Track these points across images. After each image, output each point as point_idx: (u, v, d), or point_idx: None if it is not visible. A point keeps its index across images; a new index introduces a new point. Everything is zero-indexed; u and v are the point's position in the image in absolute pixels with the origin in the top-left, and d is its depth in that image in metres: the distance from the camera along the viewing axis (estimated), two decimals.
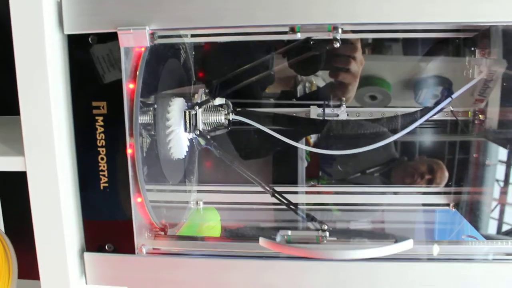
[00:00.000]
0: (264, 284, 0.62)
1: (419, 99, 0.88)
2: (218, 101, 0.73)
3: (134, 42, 0.57)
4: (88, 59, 0.58)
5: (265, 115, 0.83)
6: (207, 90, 0.76)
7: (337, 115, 0.83)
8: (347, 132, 0.86)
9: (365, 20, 0.55)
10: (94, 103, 0.59)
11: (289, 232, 0.64)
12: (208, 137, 0.74)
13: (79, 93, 0.60)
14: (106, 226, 0.63)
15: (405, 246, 0.58)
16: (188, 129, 0.70)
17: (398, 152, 0.92)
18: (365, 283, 0.60)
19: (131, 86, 0.59)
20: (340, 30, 0.58)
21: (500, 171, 0.80)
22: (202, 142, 0.75)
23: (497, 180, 0.80)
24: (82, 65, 0.59)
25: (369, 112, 0.85)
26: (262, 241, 0.60)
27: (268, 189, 0.76)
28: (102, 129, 0.59)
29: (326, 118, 0.84)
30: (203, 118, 0.72)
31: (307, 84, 0.93)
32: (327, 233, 0.64)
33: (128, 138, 0.59)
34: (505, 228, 0.79)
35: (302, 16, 0.55)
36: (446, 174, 0.88)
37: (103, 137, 0.60)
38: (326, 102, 0.85)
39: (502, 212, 0.79)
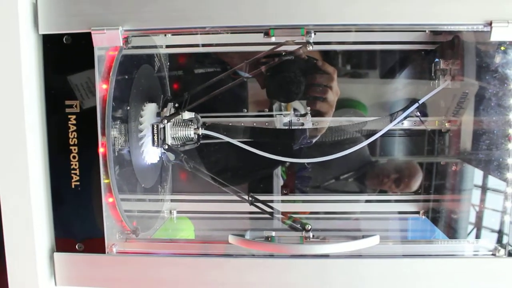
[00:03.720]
0: (236, 282, 0.62)
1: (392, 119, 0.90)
2: (187, 115, 0.73)
3: (108, 42, 0.58)
4: (62, 58, 0.59)
5: (236, 129, 0.83)
6: (176, 104, 0.74)
7: (303, 124, 0.85)
8: (321, 140, 0.87)
9: (332, 22, 0.57)
10: (67, 102, 0.60)
11: (273, 233, 0.64)
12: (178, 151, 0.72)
13: (52, 91, 0.60)
14: (77, 225, 0.62)
15: (372, 241, 0.59)
16: (156, 144, 0.69)
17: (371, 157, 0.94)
18: (332, 279, 0.61)
19: (104, 86, 0.60)
20: (312, 34, 0.60)
21: (471, 179, 0.82)
22: (171, 157, 0.73)
23: (476, 186, 0.82)
24: (56, 64, 0.60)
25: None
26: (231, 238, 0.60)
27: (248, 198, 0.75)
28: (75, 128, 0.60)
29: (292, 127, 0.86)
30: (172, 133, 0.71)
31: (283, 104, 0.95)
32: (311, 234, 0.64)
33: (100, 137, 0.60)
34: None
35: (276, 17, 0.57)
36: (420, 176, 0.89)
37: (75, 136, 0.60)
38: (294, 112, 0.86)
39: (478, 218, 0.81)
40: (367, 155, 0.93)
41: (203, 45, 0.84)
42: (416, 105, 0.75)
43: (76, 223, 0.62)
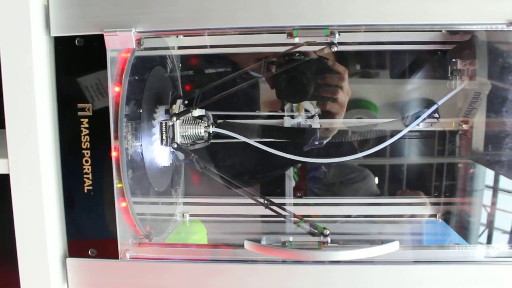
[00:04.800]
0: None
1: (406, 121, 0.89)
2: (198, 112, 0.70)
3: (120, 44, 0.57)
4: (74, 61, 0.58)
5: (248, 127, 0.82)
6: (185, 101, 0.72)
7: (310, 126, 0.83)
8: (334, 141, 0.86)
9: (358, 22, 0.56)
10: (80, 105, 0.59)
11: (291, 238, 0.63)
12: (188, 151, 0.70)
13: (64, 94, 0.60)
14: (89, 231, 0.62)
15: (391, 247, 0.57)
16: (164, 142, 0.67)
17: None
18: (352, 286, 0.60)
19: (117, 89, 0.59)
20: (337, 35, 0.59)
21: (487, 180, 0.81)
22: (181, 156, 0.70)
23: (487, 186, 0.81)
24: (68, 67, 0.59)
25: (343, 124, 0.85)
26: (247, 244, 0.59)
27: (263, 201, 0.73)
28: (87, 131, 0.59)
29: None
30: (181, 131, 0.68)
31: (294, 105, 0.94)
32: (329, 239, 0.63)
33: (113, 140, 0.59)
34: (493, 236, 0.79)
35: (299, 18, 0.56)
36: None
37: (88, 140, 0.59)
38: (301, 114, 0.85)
39: (490, 222, 0.80)
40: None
41: (215, 46, 0.83)
42: (435, 106, 0.73)
43: (89, 228, 0.62)
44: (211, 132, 0.70)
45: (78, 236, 0.62)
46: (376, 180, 0.92)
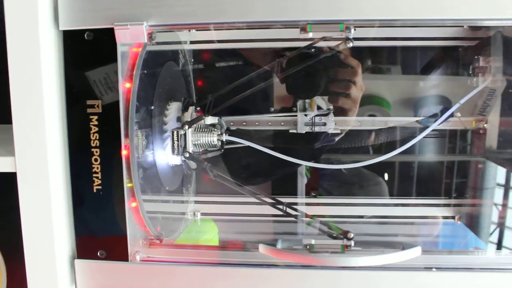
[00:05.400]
0: None
1: (424, 121, 0.86)
2: (210, 120, 0.68)
3: (131, 38, 0.55)
4: (84, 55, 0.56)
5: (261, 134, 0.81)
6: (198, 108, 0.70)
7: (325, 124, 0.81)
8: (346, 145, 0.84)
9: (377, 17, 0.53)
10: (89, 102, 0.57)
11: (313, 241, 0.60)
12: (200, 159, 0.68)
13: (73, 91, 0.57)
14: (99, 232, 0.60)
15: (413, 253, 0.55)
16: (175, 152, 0.65)
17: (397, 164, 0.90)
18: None
19: (127, 85, 0.57)
20: (352, 30, 0.56)
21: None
22: (193, 165, 0.68)
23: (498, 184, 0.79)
24: (77, 62, 0.57)
25: (358, 121, 0.83)
26: (262, 248, 0.57)
27: (282, 207, 0.72)
28: (96, 129, 0.57)
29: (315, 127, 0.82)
30: (193, 139, 0.66)
31: (307, 101, 0.91)
32: (353, 242, 0.60)
33: (123, 138, 0.57)
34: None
35: (313, 12, 0.53)
36: None
37: (97, 137, 0.57)
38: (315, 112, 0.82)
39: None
40: None
41: (227, 41, 0.81)
42: (457, 105, 0.70)
43: (98, 229, 0.60)
44: (224, 140, 0.68)
45: (87, 237, 0.60)
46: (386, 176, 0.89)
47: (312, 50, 0.70)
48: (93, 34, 0.56)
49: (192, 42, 0.81)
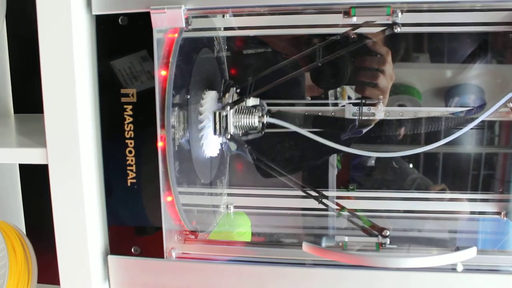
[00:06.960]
0: None
1: (470, 112, 0.82)
2: (252, 101, 0.67)
3: (168, 23, 0.52)
4: (118, 41, 0.53)
5: (303, 117, 0.78)
6: (238, 90, 0.68)
7: (374, 114, 0.77)
8: (388, 133, 0.80)
9: None
10: (123, 91, 0.54)
11: (346, 238, 0.57)
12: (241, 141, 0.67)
13: (106, 79, 0.54)
14: (133, 227, 0.57)
15: (469, 254, 0.51)
16: (218, 132, 0.63)
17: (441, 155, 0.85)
18: None
19: (163, 73, 0.54)
20: (399, 14, 0.52)
21: None
22: (233, 147, 0.68)
23: None
24: (110, 48, 0.54)
25: (400, 112, 0.79)
26: (305, 246, 0.53)
27: (317, 194, 0.70)
28: (131, 119, 0.54)
29: (363, 117, 0.78)
30: (234, 121, 0.65)
31: (338, 90, 0.88)
32: (388, 240, 0.57)
33: (159, 129, 0.54)
34: None
35: None
36: None
37: (132, 128, 0.54)
38: (364, 101, 0.78)
39: None
40: None
41: (262, 28, 0.77)
42: (510, 94, 0.66)
43: (132, 224, 0.57)
44: (265, 122, 0.66)
45: (120, 233, 0.58)
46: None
47: (337, 37, 0.65)
48: (128, 19, 0.53)
49: (226, 29, 0.77)
